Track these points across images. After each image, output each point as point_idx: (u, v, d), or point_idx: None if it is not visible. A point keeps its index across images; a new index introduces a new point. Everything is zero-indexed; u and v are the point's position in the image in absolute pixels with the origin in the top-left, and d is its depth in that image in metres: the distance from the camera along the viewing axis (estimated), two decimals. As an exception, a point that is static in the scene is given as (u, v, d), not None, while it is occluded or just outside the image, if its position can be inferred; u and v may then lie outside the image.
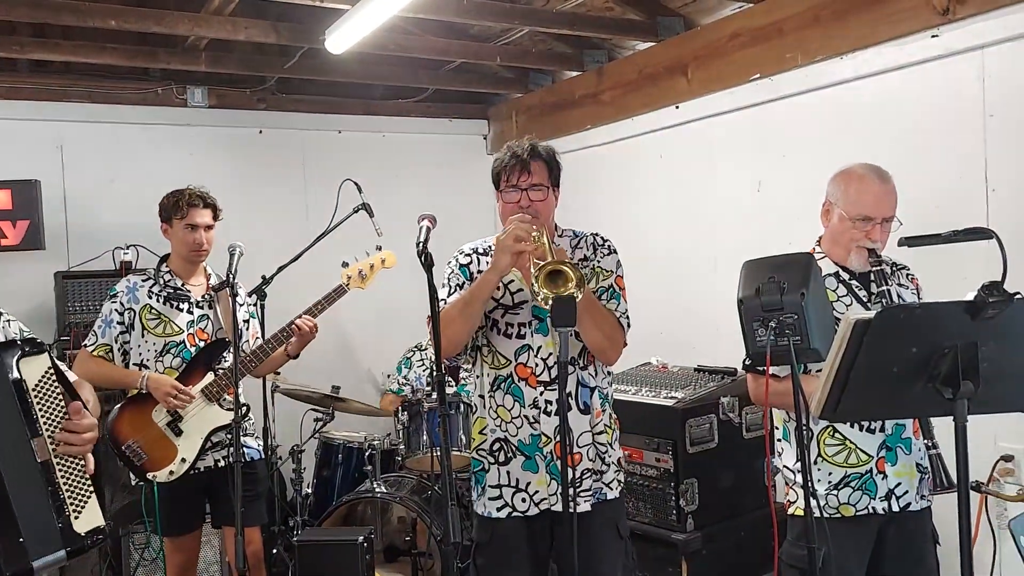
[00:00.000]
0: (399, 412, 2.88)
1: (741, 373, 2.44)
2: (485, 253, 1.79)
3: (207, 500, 2.36)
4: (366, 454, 2.82)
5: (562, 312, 1.45)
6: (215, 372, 2.28)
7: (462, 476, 2.55)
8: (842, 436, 1.67)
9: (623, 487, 1.77)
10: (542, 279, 1.49)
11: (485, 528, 1.71)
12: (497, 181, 1.73)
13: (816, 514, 1.43)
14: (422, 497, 2.69)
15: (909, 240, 1.67)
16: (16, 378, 1.26)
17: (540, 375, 1.69)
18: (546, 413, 1.68)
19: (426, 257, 1.53)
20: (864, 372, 1.21)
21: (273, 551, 2.59)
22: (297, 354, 2.39)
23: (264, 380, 2.53)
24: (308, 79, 3.63)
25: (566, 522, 1.45)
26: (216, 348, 2.31)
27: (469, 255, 1.79)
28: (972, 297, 1.19)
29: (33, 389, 1.29)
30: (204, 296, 2.35)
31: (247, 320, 2.41)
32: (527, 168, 1.69)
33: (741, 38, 2.79)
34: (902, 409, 1.43)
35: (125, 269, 3.06)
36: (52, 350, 3.00)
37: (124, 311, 2.27)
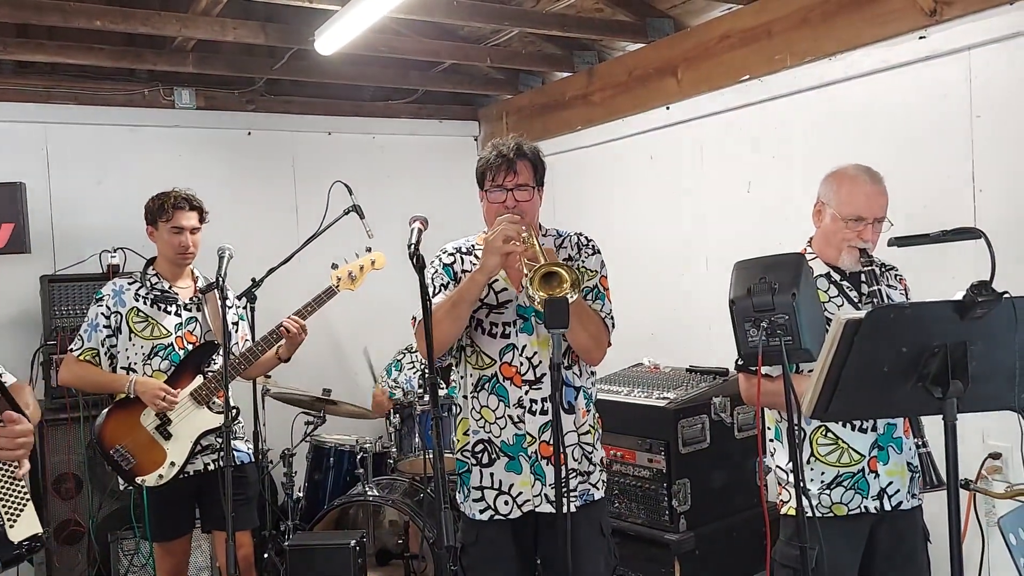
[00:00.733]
0: (391, 415, 2.86)
1: (733, 373, 2.45)
2: (468, 252, 1.77)
3: (196, 504, 2.34)
4: (358, 457, 2.81)
5: (555, 314, 1.44)
6: (204, 375, 2.26)
7: (454, 478, 2.54)
8: (834, 436, 1.68)
9: (606, 486, 1.77)
10: (537, 281, 1.48)
11: (470, 529, 1.71)
12: (482, 180, 1.71)
13: (808, 513, 1.44)
14: (414, 500, 2.68)
15: (899, 240, 1.68)
16: None
17: (525, 374, 1.68)
18: (531, 412, 1.67)
19: (418, 259, 1.52)
20: (855, 372, 1.21)
21: (264, 555, 2.57)
22: (288, 357, 2.37)
23: (254, 384, 2.51)
24: (297, 80, 3.61)
25: (559, 522, 1.44)
26: (205, 351, 2.29)
27: (452, 254, 1.78)
28: (961, 297, 1.20)
29: None
30: (192, 299, 2.33)
31: (236, 323, 2.39)
32: (513, 168, 1.67)
33: (730, 39, 2.80)
34: (893, 408, 1.44)
35: (112, 272, 3.02)
36: (39, 355, 3.03)
37: (111, 314, 2.25)
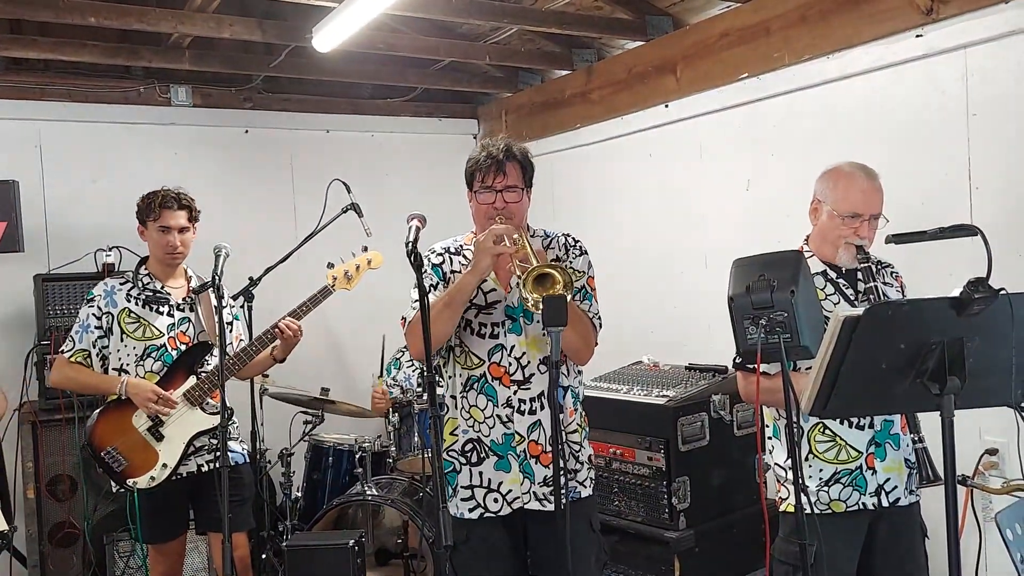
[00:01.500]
0: (390, 414, 2.85)
1: (732, 371, 2.45)
2: (457, 252, 1.77)
3: (191, 506, 2.33)
4: (356, 456, 2.80)
5: (554, 312, 1.44)
6: (197, 376, 2.25)
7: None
8: (832, 433, 1.69)
9: (594, 483, 1.78)
10: (530, 283, 1.48)
11: (461, 528, 1.71)
12: (471, 181, 1.72)
13: (807, 510, 1.44)
14: (413, 499, 2.67)
15: (896, 237, 1.69)
16: None
17: (514, 374, 1.69)
18: (520, 412, 1.68)
19: (415, 257, 1.52)
20: (853, 368, 1.21)
21: (263, 556, 2.56)
22: (283, 358, 2.36)
23: (252, 383, 2.50)
24: (295, 78, 3.59)
25: (550, 518, 1.44)
26: (198, 351, 2.28)
27: (441, 254, 1.78)
28: (958, 293, 1.20)
29: None
30: (185, 299, 2.32)
31: (230, 322, 2.38)
32: (502, 169, 1.67)
33: (729, 37, 2.80)
34: (891, 405, 1.44)
35: (107, 271, 3.00)
36: (33, 355, 3.01)
37: (102, 315, 2.23)
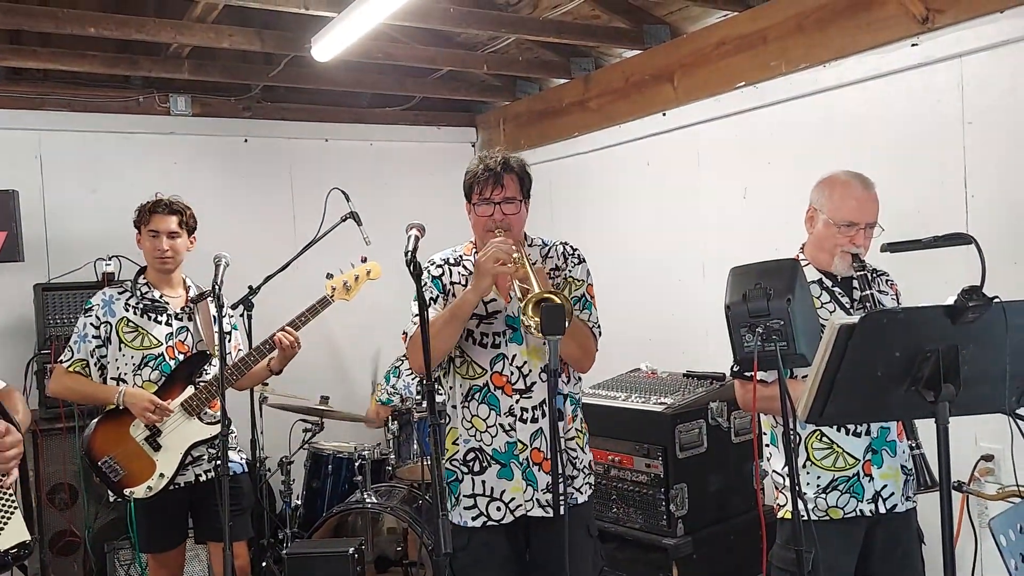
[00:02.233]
0: (389, 422, 2.85)
1: (730, 378, 2.46)
2: (457, 263, 1.79)
3: (190, 515, 2.32)
4: (356, 464, 2.79)
5: (552, 320, 1.45)
6: (195, 385, 2.25)
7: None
8: (829, 440, 1.70)
9: (592, 490, 1.79)
10: (530, 308, 1.51)
11: (461, 534, 1.72)
12: (469, 193, 1.74)
13: (804, 517, 1.44)
14: (413, 507, 2.67)
15: (891, 246, 1.70)
16: None
17: (515, 383, 1.70)
18: (522, 420, 1.69)
19: (414, 266, 1.53)
20: (849, 376, 1.22)
21: (263, 564, 2.55)
22: (280, 370, 2.36)
23: (251, 392, 2.50)
24: (294, 87, 3.61)
25: (550, 524, 1.44)
26: (196, 361, 2.28)
27: (440, 266, 1.79)
28: (952, 301, 1.21)
29: None
30: (183, 308, 2.32)
31: (229, 332, 2.38)
32: (500, 182, 1.69)
33: (726, 46, 2.82)
34: (886, 412, 1.45)
35: (107, 280, 3.01)
36: (33, 364, 3.01)
37: (100, 324, 2.24)
